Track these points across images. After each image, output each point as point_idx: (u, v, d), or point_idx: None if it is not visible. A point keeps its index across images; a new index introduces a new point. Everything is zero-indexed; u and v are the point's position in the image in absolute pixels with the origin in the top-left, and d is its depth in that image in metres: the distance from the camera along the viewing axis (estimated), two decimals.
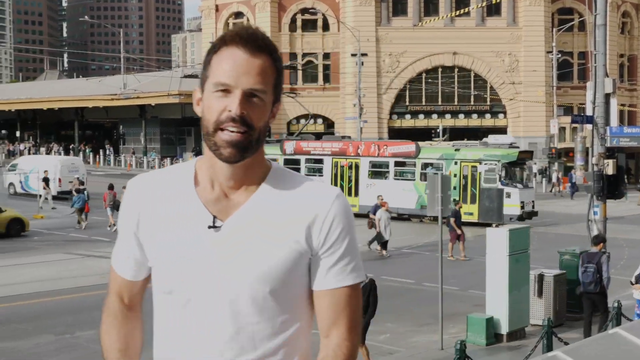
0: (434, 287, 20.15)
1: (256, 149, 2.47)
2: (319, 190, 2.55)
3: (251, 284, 2.46)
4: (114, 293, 2.74)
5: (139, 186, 2.63)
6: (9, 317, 18.25)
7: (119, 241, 2.70)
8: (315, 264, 2.53)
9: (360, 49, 64.98)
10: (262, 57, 2.43)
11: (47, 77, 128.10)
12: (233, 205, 2.52)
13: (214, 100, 2.43)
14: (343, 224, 2.52)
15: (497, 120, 75.43)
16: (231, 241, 2.48)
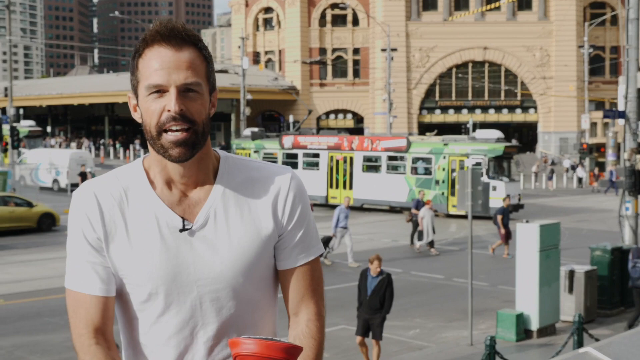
0: (463, 282, 20.10)
1: (203, 143, 2.45)
2: (274, 173, 2.58)
3: (230, 279, 2.49)
4: (83, 326, 2.48)
5: (89, 195, 2.50)
6: (40, 310, 18.41)
7: (74, 258, 2.51)
8: (279, 244, 2.57)
9: (390, 44, 64.83)
10: (188, 50, 2.40)
11: (77, 73, 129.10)
12: (195, 203, 2.50)
13: (150, 103, 2.40)
14: (302, 202, 2.59)
15: (528, 116, 74.97)
16: (203, 240, 2.48)
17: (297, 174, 2.63)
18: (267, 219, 2.52)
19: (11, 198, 32.89)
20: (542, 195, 51.30)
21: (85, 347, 2.45)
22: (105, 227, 2.47)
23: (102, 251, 2.47)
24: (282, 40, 78.50)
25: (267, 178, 2.56)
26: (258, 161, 2.63)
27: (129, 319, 2.55)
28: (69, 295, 2.52)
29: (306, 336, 2.55)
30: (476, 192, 16.05)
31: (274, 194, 2.54)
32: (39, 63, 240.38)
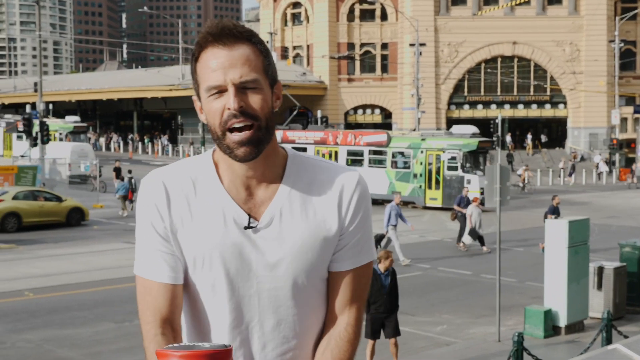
0: (491, 278, 20.00)
1: (269, 139, 2.46)
2: (341, 174, 2.58)
3: (290, 278, 2.52)
4: (151, 314, 2.51)
5: (158, 184, 2.53)
6: (69, 304, 18.54)
7: (142, 245, 2.56)
8: (337, 246, 2.58)
9: (419, 39, 64.61)
10: (242, 46, 2.41)
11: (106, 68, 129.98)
12: (261, 201, 2.52)
13: (211, 104, 2.42)
14: (365, 206, 2.59)
15: (557, 111, 74.46)
16: (267, 239, 2.50)
17: (364, 177, 2.64)
18: (332, 220, 2.54)
19: (41, 192, 33.15)
20: (571, 191, 50.96)
21: (151, 335, 2.48)
22: (172, 217, 2.51)
23: (169, 240, 2.52)
24: (310, 35, 78.46)
25: (334, 179, 2.57)
26: (325, 161, 2.65)
27: (188, 308, 2.59)
28: (138, 282, 2.56)
29: (343, 339, 2.58)
30: (505, 188, 15.96)
31: (339, 195, 2.55)
32: (68, 58, 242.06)
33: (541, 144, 73.15)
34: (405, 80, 72.61)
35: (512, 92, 74.91)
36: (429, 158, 39.86)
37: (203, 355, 2.10)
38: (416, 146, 40.40)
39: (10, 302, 18.67)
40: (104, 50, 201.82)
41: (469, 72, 74.22)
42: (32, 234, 30.04)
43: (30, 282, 20.96)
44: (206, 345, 2.12)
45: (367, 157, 42.13)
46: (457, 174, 38.98)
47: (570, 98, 73.11)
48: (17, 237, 29.18)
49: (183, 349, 2.10)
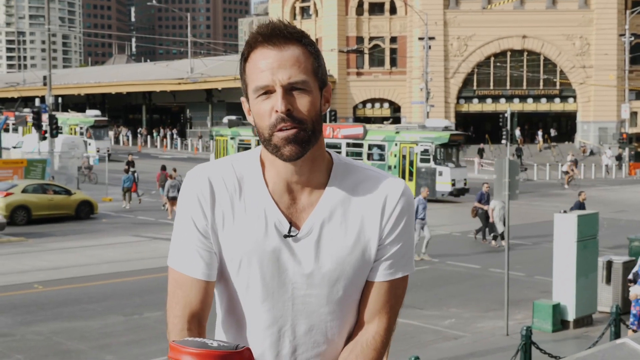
0: (500, 272, 19.98)
1: (315, 140, 2.43)
2: (387, 184, 2.54)
3: (325, 287, 2.51)
4: (180, 308, 2.48)
5: (204, 179, 2.50)
6: (78, 297, 18.60)
7: (180, 238, 2.52)
8: (376, 256, 2.55)
9: (428, 33, 64.46)
10: (291, 47, 2.38)
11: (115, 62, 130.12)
12: (304, 207, 2.50)
13: (259, 105, 2.40)
14: (407, 217, 2.55)
15: (567, 105, 74.25)
16: (306, 247, 2.48)
17: (409, 186, 2.61)
18: (373, 230, 2.51)
19: (50, 186, 33.25)
20: (580, 185, 50.83)
21: (177, 330, 2.45)
22: (214, 214, 2.48)
23: (209, 237, 2.49)
24: (319, 29, 78.38)
25: (378, 187, 2.53)
26: (372, 168, 2.61)
27: (224, 305, 2.59)
28: (171, 274, 2.53)
29: (370, 347, 2.54)
30: (513, 181, 15.93)
31: (382, 204, 2.51)
32: (77, 52, 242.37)
33: (550, 139, 72.96)
34: (414, 74, 72.50)
35: (521, 86, 74.73)
36: (402, 150, 41.16)
37: (211, 356, 2.10)
38: (391, 139, 41.74)
39: (19, 295, 18.74)
40: (113, 43, 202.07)
41: (478, 66, 74.06)
42: (42, 227, 30.12)
43: (40, 275, 21.03)
44: (214, 344, 2.12)
45: (344, 150, 43.14)
46: (429, 166, 40.14)
47: (580, 92, 72.89)
48: (26, 230, 29.27)
49: (194, 345, 2.11)
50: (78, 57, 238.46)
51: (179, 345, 2.11)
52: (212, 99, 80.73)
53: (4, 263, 22.93)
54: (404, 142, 41.22)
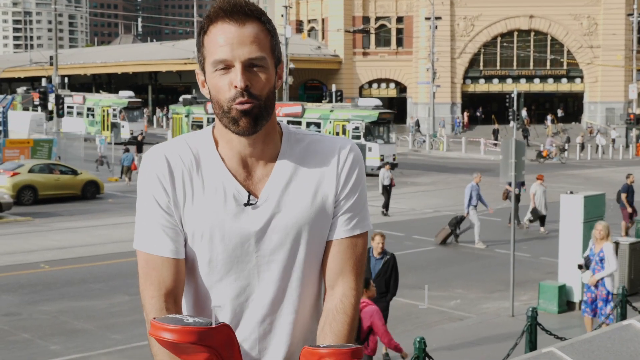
0: (505, 253, 19.98)
1: (268, 116, 2.49)
2: (335, 142, 2.62)
3: (290, 253, 2.55)
4: (156, 289, 2.49)
5: (161, 157, 2.54)
6: (84, 277, 18.66)
7: (144, 219, 2.54)
8: (333, 211, 2.60)
9: (435, 13, 64.22)
10: (252, 24, 2.43)
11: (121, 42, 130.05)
12: (260, 178, 2.55)
13: (217, 79, 2.44)
14: (358, 171, 2.62)
15: (574, 85, 73.96)
16: (266, 215, 2.53)
17: (356, 145, 2.65)
18: (328, 187, 2.57)
19: (56, 166, 33.29)
20: (587, 166, 50.77)
21: (155, 310, 2.47)
22: (175, 190, 2.52)
23: (172, 214, 2.52)
24: (326, 9, 78.06)
25: (327, 147, 2.61)
26: (320, 134, 2.68)
27: (189, 282, 2.59)
28: (140, 257, 2.54)
29: (339, 311, 2.56)
30: (520, 162, 15.89)
31: (334, 162, 2.58)
32: (83, 32, 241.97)
33: (557, 119, 72.75)
34: (421, 54, 72.24)
35: (528, 66, 74.42)
36: (336, 128, 44.15)
37: (188, 331, 2.15)
38: (325, 117, 44.90)
39: (26, 274, 18.81)
40: (119, 23, 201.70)
41: (485, 46, 73.73)
42: (48, 206, 30.19)
43: (46, 255, 21.10)
44: (190, 320, 2.17)
45: None
46: (360, 142, 41.87)
47: (587, 72, 72.58)
48: (33, 210, 29.35)
49: (173, 322, 2.16)
50: (84, 37, 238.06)
51: (158, 323, 2.17)
52: None
53: (10, 243, 23.00)
54: (337, 120, 44.36)
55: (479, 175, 24.50)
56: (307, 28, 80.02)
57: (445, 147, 59.86)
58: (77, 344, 13.73)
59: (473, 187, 23.52)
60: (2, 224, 26.45)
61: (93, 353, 13.33)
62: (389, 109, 77.62)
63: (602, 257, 13.37)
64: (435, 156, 56.80)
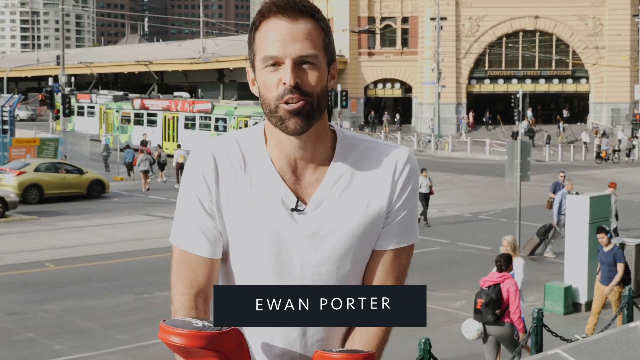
0: None
1: (320, 115, 2.39)
2: (392, 151, 2.52)
3: (334, 263, 2.46)
4: (187, 286, 2.46)
5: (208, 156, 2.47)
6: (89, 276, 18.66)
7: (184, 216, 2.50)
8: (383, 224, 2.52)
9: (440, 13, 64.17)
10: (305, 21, 2.36)
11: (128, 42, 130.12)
12: (310, 183, 2.47)
13: (267, 76, 2.36)
14: (414, 182, 2.53)
15: (579, 86, 73.84)
16: (314, 223, 2.44)
17: (413, 154, 2.56)
18: (382, 198, 2.48)
19: (62, 165, 33.35)
20: (592, 167, 50.69)
21: (184, 308, 2.43)
22: (219, 191, 2.45)
23: (214, 214, 2.46)
24: (331, 9, 78.03)
25: (383, 156, 2.51)
26: (374, 139, 2.57)
27: (228, 283, 2.55)
28: (176, 252, 2.50)
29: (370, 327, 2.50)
30: (525, 162, 15.87)
31: (388, 171, 2.49)
32: (90, 32, 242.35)
33: (563, 119, 72.66)
34: (426, 55, 72.19)
35: (533, 66, 74.31)
36: (239, 123, 47.99)
37: (196, 336, 2.15)
38: (231, 114, 49.20)
39: (31, 273, 18.81)
40: (126, 23, 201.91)
41: (490, 47, 73.63)
42: (54, 205, 30.21)
43: (51, 254, 21.11)
44: (199, 324, 2.16)
45: (198, 122, 51.32)
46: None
47: (593, 73, 72.46)
48: (38, 208, 29.37)
49: (181, 325, 2.17)
50: (91, 36, 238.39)
51: (167, 326, 2.17)
52: (224, 79, 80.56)
53: (16, 241, 23.02)
54: (240, 116, 48.24)
55: (570, 182, 23.21)
56: None
57: (451, 147, 59.80)
58: (81, 344, 13.72)
59: (564, 195, 21.84)
60: (8, 222, 26.47)
61: (97, 352, 13.32)
62: (394, 108, 78.04)
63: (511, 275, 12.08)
64: (440, 156, 56.74)
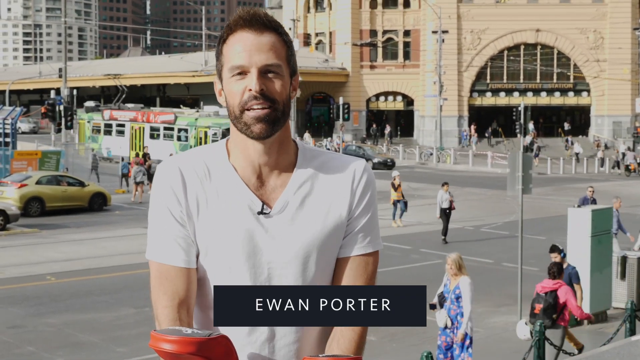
0: (513, 267, 19.89)
1: (283, 122, 2.53)
2: (351, 162, 2.65)
3: (300, 264, 2.54)
4: (169, 299, 2.49)
5: (174, 169, 2.56)
6: (90, 289, 18.63)
7: (157, 230, 2.56)
8: (345, 231, 2.62)
9: (442, 26, 64.30)
10: (269, 34, 2.50)
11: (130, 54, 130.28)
12: (274, 188, 2.57)
13: (233, 85, 2.50)
14: (371, 190, 2.65)
15: (581, 99, 73.91)
16: (279, 225, 2.54)
17: (369, 166, 2.71)
18: (342, 204, 2.59)
19: (64, 177, 33.33)
20: (594, 179, 50.63)
21: (168, 320, 2.47)
22: (188, 201, 2.54)
23: (185, 224, 2.54)
24: (333, 22, 78.22)
25: (343, 165, 2.64)
26: (333, 152, 2.72)
27: (200, 293, 2.59)
28: (153, 266, 2.56)
29: (347, 327, 2.54)
30: (527, 175, 15.84)
31: (348, 179, 2.61)
32: (92, 44, 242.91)
33: (564, 132, 72.69)
34: (428, 68, 72.30)
35: (535, 79, 74.42)
36: (199, 133, 49.82)
37: (186, 342, 2.19)
38: (192, 124, 50.95)
39: (32, 286, 18.79)
40: (128, 36, 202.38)
41: (492, 60, 73.76)
42: (55, 218, 30.20)
43: (53, 267, 21.08)
44: (189, 331, 2.21)
45: (162, 132, 53.25)
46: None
47: (594, 86, 72.55)
48: (40, 221, 29.35)
49: (171, 333, 2.22)
50: (93, 49, 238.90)
51: (158, 334, 2.23)
52: None
53: (17, 254, 23.00)
54: (201, 127, 50.00)
55: (618, 200, 22.51)
56: (315, 41, 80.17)
57: (453, 160, 59.79)
58: (82, 357, 13.68)
59: (613, 213, 20.80)
60: (9, 235, 26.46)
61: None
62: (395, 121, 78.09)
63: (458, 295, 11.74)
64: (442, 169, 56.74)
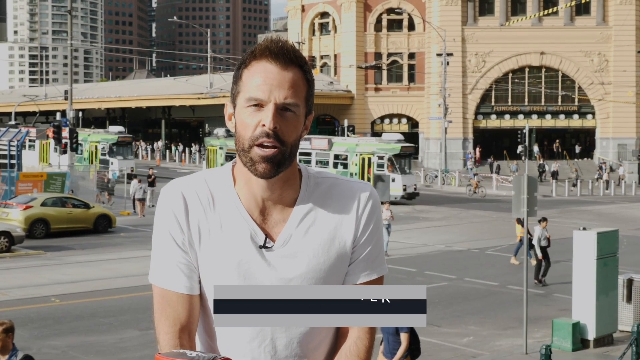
0: (518, 290, 19.83)
1: (290, 163, 2.48)
2: (355, 186, 2.61)
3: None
4: (170, 324, 2.49)
5: (177, 194, 2.53)
6: (94, 311, 18.60)
7: (160, 255, 2.55)
8: (350, 259, 2.59)
9: (446, 49, 64.45)
10: (293, 70, 2.44)
11: (135, 77, 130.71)
12: (277, 221, 2.54)
13: (247, 115, 2.43)
14: (377, 217, 2.62)
15: (586, 121, 73.94)
16: (281, 259, 2.52)
17: (374, 189, 2.65)
18: (347, 233, 2.56)
19: (69, 199, 33.35)
20: (599, 202, 50.57)
21: (170, 346, 2.46)
22: (190, 228, 2.51)
23: (187, 251, 2.52)
24: (338, 45, 78.49)
25: (346, 192, 2.59)
26: (338, 176, 2.67)
27: (204, 319, 2.59)
28: (156, 291, 2.55)
29: (352, 353, 2.55)
30: (532, 198, 15.82)
31: (354, 207, 2.57)
32: (98, 67, 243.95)
33: (570, 155, 72.70)
34: (432, 90, 72.42)
35: (539, 102, 74.48)
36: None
37: None
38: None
39: (36, 308, 18.76)
40: (134, 59, 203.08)
41: (496, 82, 73.88)
42: (60, 240, 30.20)
43: (57, 289, 21.06)
44: (193, 354, 2.16)
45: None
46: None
47: (599, 108, 72.59)
48: (45, 243, 29.36)
49: (175, 356, 2.16)
50: (99, 71, 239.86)
51: (163, 357, 2.18)
52: None
53: (22, 276, 22.99)
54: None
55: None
56: (320, 64, 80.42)
57: (457, 183, 59.74)
58: None
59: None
60: (14, 257, 26.46)
61: None
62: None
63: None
64: (447, 191, 56.70)
